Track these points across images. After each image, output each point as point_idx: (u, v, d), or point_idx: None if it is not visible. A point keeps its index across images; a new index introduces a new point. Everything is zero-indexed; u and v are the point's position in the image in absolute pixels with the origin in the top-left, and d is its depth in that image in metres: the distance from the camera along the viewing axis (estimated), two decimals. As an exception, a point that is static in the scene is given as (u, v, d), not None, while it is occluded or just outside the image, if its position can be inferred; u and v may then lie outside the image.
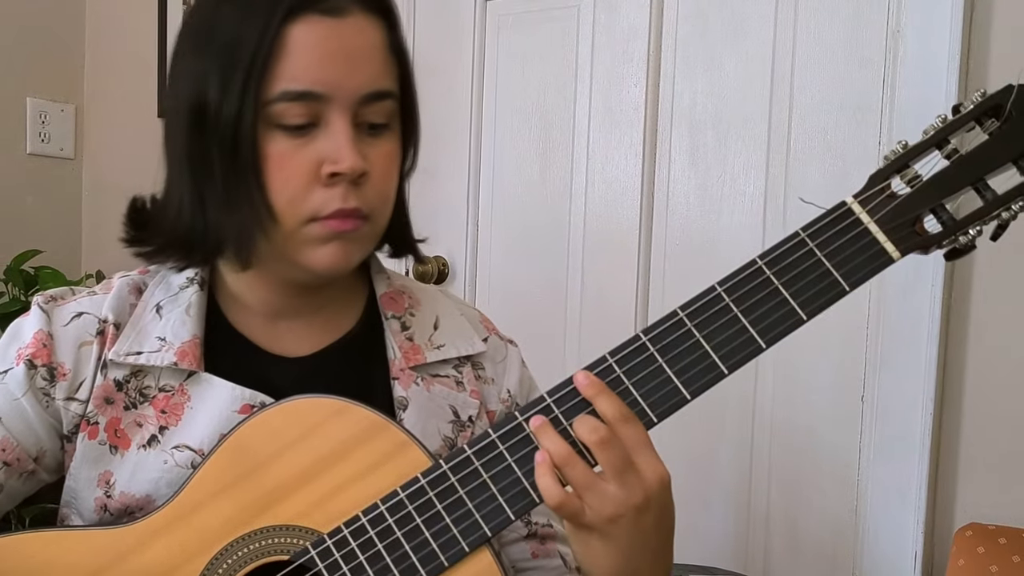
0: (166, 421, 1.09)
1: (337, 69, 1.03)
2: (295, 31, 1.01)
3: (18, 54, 2.99)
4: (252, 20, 1.01)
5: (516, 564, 1.22)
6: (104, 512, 1.09)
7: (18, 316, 1.15)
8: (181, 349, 1.10)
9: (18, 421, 1.09)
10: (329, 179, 1.03)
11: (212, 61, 1.03)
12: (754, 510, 2.18)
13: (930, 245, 0.97)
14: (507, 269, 2.55)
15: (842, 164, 2.08)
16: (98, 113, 3.18)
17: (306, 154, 1.03)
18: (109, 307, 1.13)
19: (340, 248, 1.07)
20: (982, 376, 1.95)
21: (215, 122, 1.02)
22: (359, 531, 1.00)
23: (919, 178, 0.96)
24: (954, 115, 0.97)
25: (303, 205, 1.04)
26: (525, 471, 0.98)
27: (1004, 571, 1.73)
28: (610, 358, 0.99)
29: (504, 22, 2.51)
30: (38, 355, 1.10)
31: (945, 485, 1.98)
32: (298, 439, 1.03)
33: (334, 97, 1.03)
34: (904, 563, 1.98)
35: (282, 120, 1.02)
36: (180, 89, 1.07)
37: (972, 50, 1.93)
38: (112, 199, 3.15)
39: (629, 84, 2.33)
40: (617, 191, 2.35)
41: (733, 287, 0.98)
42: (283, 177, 1.03)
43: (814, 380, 2.10)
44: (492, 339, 1.26)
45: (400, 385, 1.16)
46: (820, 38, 2.11)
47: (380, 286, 1.23)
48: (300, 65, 1.01)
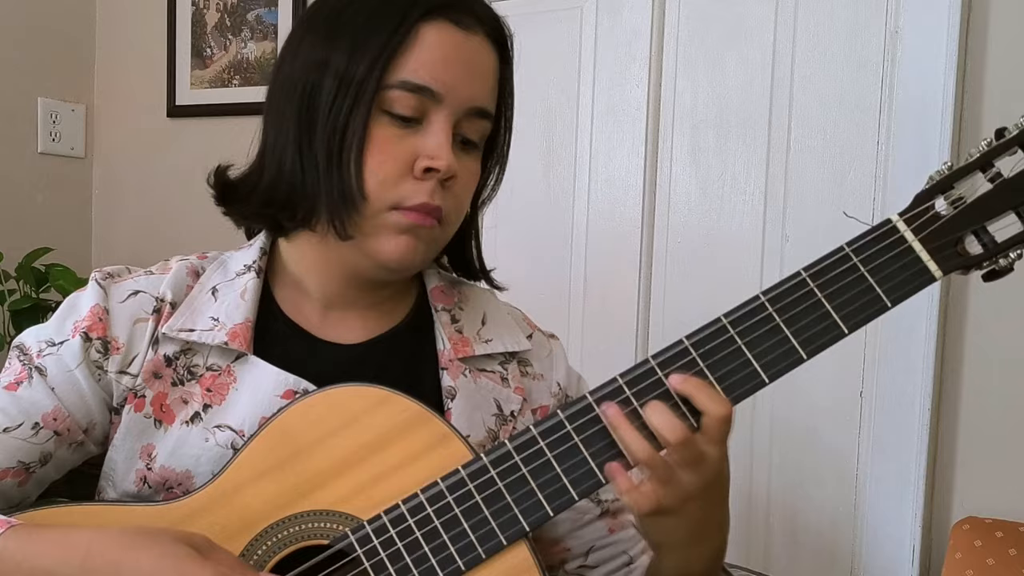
0: (210, 400, 1.11)
1: (455, 74, 1.09)
2: (427, 30, 1.08)
3: (29, 55, 3.00)
4: (389, 13, 1.08)
5: (595, 543, 1.24)
6: (143, 484, 1.10)
7: (29, 312, 1.16)
8: (232, 330, 1.12)
9: (71, 392, 1.10)
10: (422, 173, 1.08)
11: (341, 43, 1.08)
12: (755, 504, 2.18)
13: (971, 266, 0.99)
14: (510, 268, 2.51)
15: (841, 163, 2.08)
16: (108, 113, 3.18)
17: (406, 145, 1.08)
18: (168, 286, 1.15)
19: (412, 242, 1.10)
20: (979, 373, 1.95)
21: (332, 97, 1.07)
22: (399, 519, 1.01)
23: (962, 200, 0.97)
24: (997, 139, 0.98)
25: (392, 191, 1.08)
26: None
27: (1001, 564, 1.73)
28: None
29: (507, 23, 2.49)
30: (94, 328, 1.11)
31: (943, 479, 1.98)
32: (341, 426, 1.04)
33: (446, 98, 1.08)
34: (902, 556, 1.98)
35: (393, 108, 1.08)
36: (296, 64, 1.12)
37: (969, 51, 1.93)
38: (122, 197, 3.18)
39: (631, 84, 2.33)
40: (619, 190, 2.36)
41: (776, 297, 0.99)
42: (380, 160, 1.08)
43: (814, 376, 2.10)
44: (536, 336, 1.29)
45: (449, 375, 1.18)
46: (819, 39, 2.11)
47: (431, 280, 1.26)
48: (424, 60, 1.07)
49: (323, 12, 1.13)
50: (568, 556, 1.25)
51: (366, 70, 1.06)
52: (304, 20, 1.16)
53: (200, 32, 2.96)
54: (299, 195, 1.11)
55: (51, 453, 1.10)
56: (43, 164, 3.06)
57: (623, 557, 1.24)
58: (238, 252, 1.21)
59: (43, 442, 1.09)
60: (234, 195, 1.18)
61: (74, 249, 3.07)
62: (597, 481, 0.99)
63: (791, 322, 0.98)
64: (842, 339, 0.98)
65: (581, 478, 0.99)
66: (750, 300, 0.99)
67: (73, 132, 3.13)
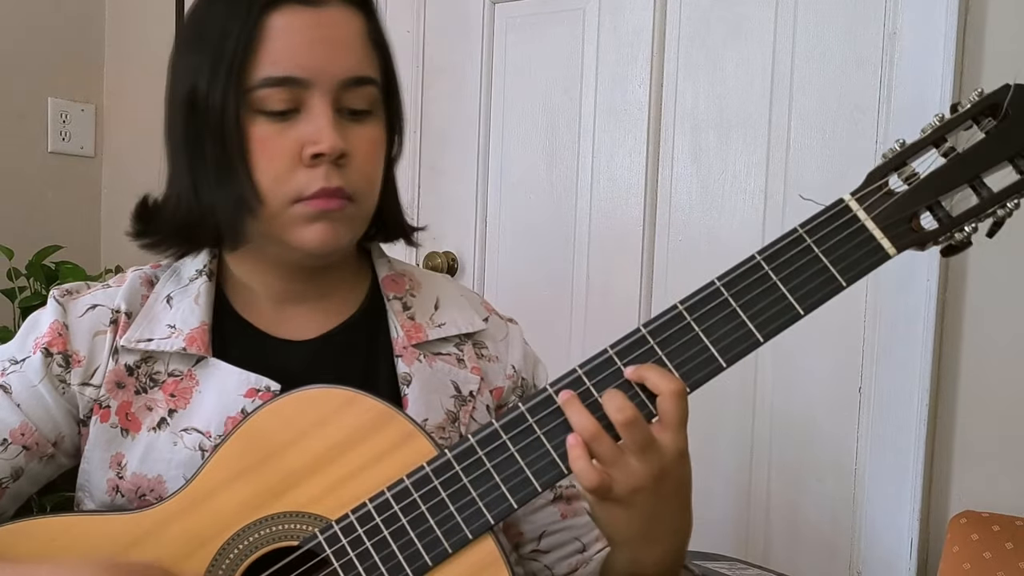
0: (175, 404, 1.11)
1: (317, 55, 1.05)
2: (275, 19, 1.05)
3: (40, 56, 3.00)
4: (236, 12, 1.05)
5: (547, 528, 1.23)
6: (116, 493, 1.10)
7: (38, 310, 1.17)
8: (190, 335, 1.12)
9: (36, 407, 1.11)
10: (311, 160, 1.05)
11: (202, 55, 1.06)
12: (754, 498, 2.18)
13: (926, 242, 0.96)
14: (515, 264, 2.55)
15: (840, 162, 2.08)
16: (117, 113, 3.18)
17: (288, 137, 1.06)
18: (122, 298, 1.16)
19: (327, 227, 1.08)
20: (976, 368, 1.95)
21: (205, 110, 1.06)
22: (366, 518, 1.01)
23: (916, 176, 0.96)
24: (952, 114, 0.97)
25: (287, 185, 1.06)
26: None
27: (997, 557, 1.73)
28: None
29: (512, 24, 2.51)
30: (54, 343, 1.12)
31: (940, 474, 1.98)
32: (309, 428, 1.04)
33: (315, 82, 1.05)
34: (900, 549, 1.98)
35: (265, 106, 1.05)
36: (175, 84, 1.11)
37: (966, 51, 1.93)
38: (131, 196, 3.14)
39: (633, 84, 2.33)
40: (621, 188, 2.35)
41: (732, 282, 0.98)
42: (267, 159, 1.06)
43: (813, 372, 2.10)
44: (492, 319, 1.27)
45: (403, 362, 1.17)
46: (818, 40, 2.11)
47: (382, 270, 1.25)
48: (280, 51, 1.05)
49: (190, 23, 1.13)
50: (521, 540, 1.24)
51: (226, 77, 1.04)
52: (179, 31, 1.16)
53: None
54: (196, 216, 1.11)
55: (22, 468, 1.10)
56: (53, 163, 3.06)
57: (575, 544, 1.23)
58: (189, 259, 1.20)
59: (12, 457, 1.09)
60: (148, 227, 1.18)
61: (83, 247, 3.07)
62: (559, 472, 0.98)
63: (747, 306, 0.97)
64: (798, 320, 0.97)
65: (543, 469, 0.98)
66: (705, 286, 0.98)
67: (83, 132, 3.13)
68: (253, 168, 1.06)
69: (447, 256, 2.59)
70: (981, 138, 0.95)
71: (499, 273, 2.57)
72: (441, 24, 2.58)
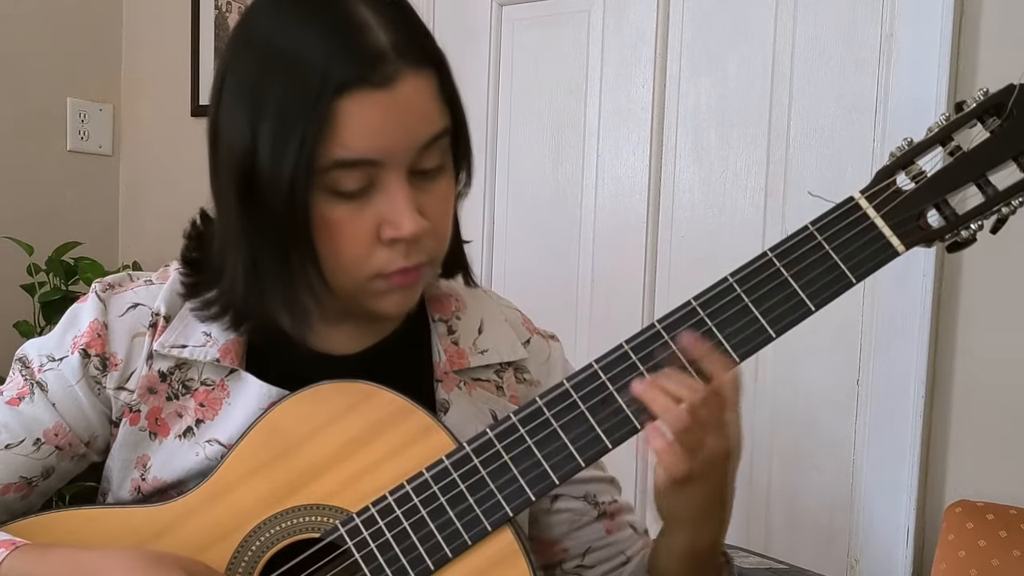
0: (203, 415, 1.08)
1: (391, 137, 0.96)
2: (346, 105, 0.93)
3: (59, 58, 3.01)
4: (301, 90, 0.94)
5: (592, 544, 1.21)
6: (137, 493, 1.08)
7: (58, 304, 1.14)
8: (224, 346, 1.08)
9: (72, 407, 1.08)
10: (390, 243, 0.98)
11: (261, 121, 0.96)
12: (756, 488, 2.18)
13: (933, 239, 0.96)
14: (521, 260, 2.54)
15: (838, 161, 2.07)
16: (134, 113, 3.19)
17: (365, 218, 0.98)
18: (162, 299, 1.10)
19: (404, 295, 1.04)
20: (970, 363, 1.94)
21: (268, 183, 0.96)
22: (386, 510, 1.00)
23: (923, 174, 0.96)
24: (957, 113, 0.96)
25: (366, 265, 0.99)
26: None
27: (992, 545, 1.73)
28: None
29: (519, 26, 2.51)
30: (92, 344, 1.08)
31: (936, 464, 1.98)
32: (328, 422, 1.03)
33: (388, 160, 0.96)
34: (897, 538, 1.98)
35: (337, 186, 0.96)
36: (225, 143, 1.01)
37: (961, 53, 1.92)
38: (147, 193, 3.18)
39: (637, 85, 2.33)
40: (626, 186, 2.35)
41: (744, 278, 0.97)
42: (343, 242, 0.98)
43: (812, 365, 2.10)
44: (534, 340, 1.23)
45: (443, 388, 1.13)
46: (817, 42, 2.10)
47: (428, 289, 1.18)
48: (353, 136, 0.94)
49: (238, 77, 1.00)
50: (566, 556, 1.21)
51: (295, 160, 0.93)
52: (220, 75, 1.02)
53: (223, 35, 2.96)
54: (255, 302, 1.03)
55: (53, 467, 1.08)
56: (72, 162, 3.07)
57: (620, 557, 1.21)
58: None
59: (44, 457, 1.07)
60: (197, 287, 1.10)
61: (102, 243, 3.07)
62: (576, 465, 0.98)
63: (759, 302, 0.96)
64: (810, 316, 0.96)
65: (560, 463, 0.98)
66: (719, 283, 0.98)
67: (101, 131, 3.14)
68: (323, 250, 0.98)
69: (455, 253, 2.58)
70: (986, 137, 0.95)
71: (506, 268, 2.56)
72: (449, 26, 2.57)
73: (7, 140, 2.90)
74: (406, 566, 0.98)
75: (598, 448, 0.98)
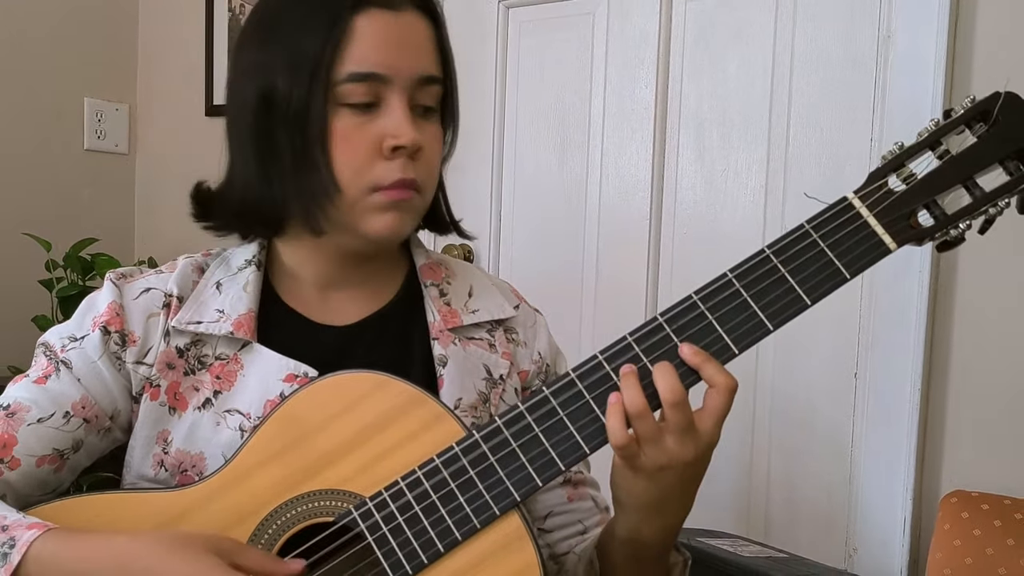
0: (220, 387, 1.13)
1: (397, 54, 1.09)
2: (360, 21, 1.07)
3: (76, 58, 3.02)
4: (319, 13, 1.07)
5: (553, 508, 1.25)
6: (160, 467, 1.12)
7: (76, 299, 1.18)
8: (237, 320, 1.14)
9: (96, 381, 1.12)
10: (391, 152, 1.08)
11: (278, 54, 1.09)
12: (755, 478, 2.19)
13: (924, 237, 0.98)
14: (528, 256, 2.56)
15: (837, 160, 2.08)
16: (150, 112, 3.20)
17: (370, 130, 1.09)
18: (174, 282, 1.17)
19: (396, 217, 1.11)
20: (966, 355, 1.95)
21: (285, 105, 1.08)
22: (398, 495, 1.02)
23: (914, 176, 0.98)
24: (946, 119, 0.99)
25: (367, 176, 1.09)
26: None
27: (986, 535, 1.74)
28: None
29: (525, 28, 2.52)
30: (112, 322, 1.13)
31: (932, 455, 1.99)
32: (343, 411, 1.05)
33: (394, 79, 1.08)
34: (894, 527, 1.99)
35: (348, 99, 1.08)
36: (244, 81, 1.13)
37: (957, 55, 1.93)
38: (163, 192, 3.20)
39: (640, 85, 2.34)
40: (629, 184, 2.37)
41: (743, 274, 0.99)
42: (349, 150, 1.08)
43: (811, 358, 2.11)
44: (523, 307, 1.29)
45: (439, 344, 1.19)
46: (816, 43, 2.11)
47: (419, 258, 1.26)
48: (365, 50, 1.07)
49: (259, 23, 1.14)
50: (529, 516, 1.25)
51: (311, 73, 1.06)
52: (243, 31, 1.17)
53: (235, 36, 2.97)
54: (268, 204, 1.13)
55: (82, 440, 1.12)
56: (89, 160, 3.08)
57: (578, 526, 1.24)
58: (239, 248, 1.22)
59: (74, 429, 1.10)
60: (209, 211, 1.20)
61: (118, 239, 3.09)
62: (582, 452, 1.00)
63: (757, 297, 0.99)
64: (806, 310, 0.99)
65: (567, 451, 1.00)
66: (718, 278, 1.00)
67: (117, 130, 3.15)
68: (334, 158, 1.08)
69: (463, 248, 2.60)
70: (973, 142, 0.97)
71: (513, 265, 2.58)
72: (457, 27, 2.54)
73: (26, 139, 2.92)
74: (417, 549, 1.00)
75: (602, 438, 1.00)
